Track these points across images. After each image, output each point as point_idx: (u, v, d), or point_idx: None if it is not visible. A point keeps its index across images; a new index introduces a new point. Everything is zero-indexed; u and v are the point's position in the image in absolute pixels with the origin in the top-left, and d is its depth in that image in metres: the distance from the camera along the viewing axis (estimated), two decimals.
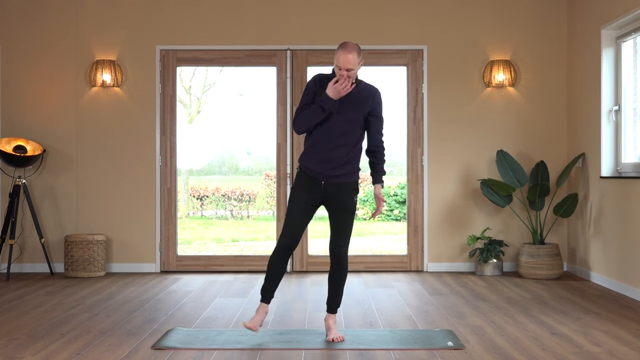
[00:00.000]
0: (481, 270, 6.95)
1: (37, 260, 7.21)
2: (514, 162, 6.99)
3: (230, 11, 7.24)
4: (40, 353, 4.05)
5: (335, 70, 4.26)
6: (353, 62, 4.18)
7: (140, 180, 7.23)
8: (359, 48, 4.26)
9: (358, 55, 4.22)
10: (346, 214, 4.35)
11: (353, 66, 4.19)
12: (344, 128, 4.28)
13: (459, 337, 4.41)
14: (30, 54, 7.22)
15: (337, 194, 4.33)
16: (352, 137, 4.31)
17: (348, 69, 4.19)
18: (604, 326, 4.71)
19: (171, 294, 5.97)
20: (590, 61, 6.64)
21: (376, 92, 4.37)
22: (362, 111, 4.32)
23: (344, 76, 4.21)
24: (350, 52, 4.19)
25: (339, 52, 4.20)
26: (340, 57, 4.19)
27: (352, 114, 4.29)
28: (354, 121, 4.30)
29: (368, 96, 4.33)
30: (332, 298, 4.44)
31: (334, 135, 4.28)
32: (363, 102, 4.31)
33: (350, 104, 4.29)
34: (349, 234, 4.38)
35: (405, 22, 7.24)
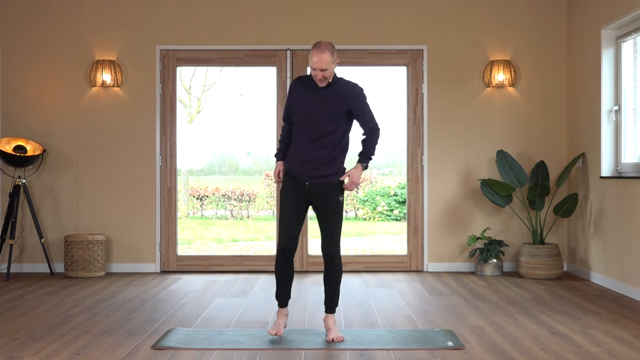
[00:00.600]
0: (481, 270, 6.95)
1: (37, 260, 7.21)
2: (514, 162, 6.99)
3: (230, 11, 7.24)
4: (40, 353, 4.05)
5: (310, 71, 4.26)
6: (327, 61, 4.15)
7: (140, 180, 7.23)
8: (332, 47, 4.22)
9: (332, 55, 4.18)
10: (332, 214, 4.35)
11: (327, 66, 4.16)
12: (324, 127, 4.28)
13: (459, 337, 4.41)
14: (30, 54, 7.22)
15: (322, 195, 4.34)
16: (333, 136, 4.30)
17: (322, 69, 4.18)
18: (604, 326, 4.71)
19: (171, 294, 5.97)
20: (590, 61, 6.64)
21: (355, 88, 4.34)
22: (342, 109, 4.29)
23: (319, 77, 4.21)
24: (324, 51, 4.16)
25: (313, 52, 4.17)
26: (314, 57, 4.16)
27: (332, 112, 4.28)
28: (334, 120, 4.29)
29: (347, 93, 4.31)
30: (330, 298, 4.45)
31: (315, 135, 4.28)
32: (342, 99, 4.30)
33: (330, 102, 4.28)
34: (338, 233, 4.38)
35: (405, 22, 7.24)
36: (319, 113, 4.27)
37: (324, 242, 4.37)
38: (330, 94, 4.29)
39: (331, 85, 4.30)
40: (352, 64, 7.27)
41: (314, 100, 4.28)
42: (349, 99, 4.31)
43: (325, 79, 4.24)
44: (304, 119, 4.29)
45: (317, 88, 4.30)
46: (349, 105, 4.31)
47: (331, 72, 4.24)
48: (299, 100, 4.33)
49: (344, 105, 4.30)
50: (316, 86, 4.30)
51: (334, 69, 4.25)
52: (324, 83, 4.27)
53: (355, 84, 4.37)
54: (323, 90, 4.29)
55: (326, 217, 4.35)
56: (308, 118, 4.28)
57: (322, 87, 4.29)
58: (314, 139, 4.29)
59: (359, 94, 4.35)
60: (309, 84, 4.33)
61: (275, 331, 4.39)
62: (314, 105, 4.27)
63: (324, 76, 4.21)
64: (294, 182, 4.36)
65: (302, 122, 4.30)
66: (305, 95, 4.32)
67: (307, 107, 4.29)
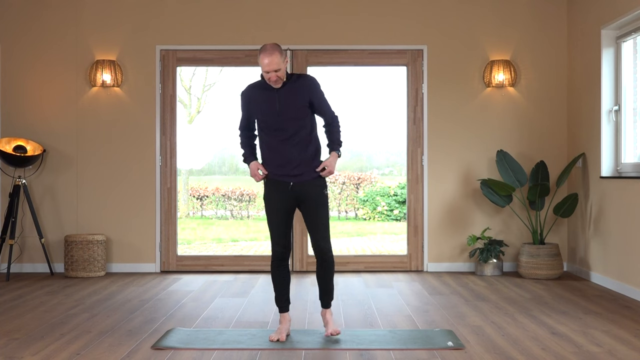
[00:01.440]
0: (481, 270, 6.95)
1: (37, 260, 7.21)
2: (514, 162, 6.99)
3: (230, 11, 7.24)
4: (40, 353, 4.05)
5: (263, 75, 4.27)
6: (278, 62, 4.19)
7: (140, 180, 7.23)
8: (279, 47, 4.26)
9: (280, 55, 4.22)
10: (319, 209, 4.37)
11: (279, 66, 4.21)
12: (293, 124, 4.30)
13: (459, 337, 4.41)
14: (30, 54, 7.22)
15: (307, 192, 4.36)
16: (303, 131, 4.33)
17: (276, 70, 4.21)
18: (604, 326, 4.71)
19: (171, 294, 5.97)
20: (590, 61, 6.64)
21: (310, 79, 4.39)
22: (304, 102, 4.33)
23: (273, 79, 4.23)
24: (272, 53, 4.20)
25: (261, 56, 4.21)
26: (264, 60, 4.19)
27: (295, 109, 4.31)
28: (300, 115, 4.32)
29: (304, 87, 4.34)
30: (325, 293, 4.47)
31: (286, 135, 4.30)
32: (302, 92, 4.33)
33: (292, 98, 4.30)
34: (326, 228, 4.40)
35: (405, 22, 7.24)
36: (284, 112, 4.30)
37: (314, 238, 4.39)
38: (289, 90, 4.32)
39: (286, 83, 4.32)
40: (352, 64, 7.27)
41: (275, 100, 4.30)
42: (307, 90, 4.35)
43: (280, 79, 4.27)
44: (271, 121, 4.31)
45: (273, 89, 4.32)
46: (309, 96, 4.35)
47: (284, 72, 4.28)
48: (259, 105, 4.34)
49: (305, 98, 4.34)
50: (271, 88, 4.32)
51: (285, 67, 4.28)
52: (279, 84, 4.29)
53: (308, 75, 4.42)
54: (281, 89, 4.32)
55: (313, 213, 4.37)
56: (274, 119, 4.30)
57: (280, 87, 4.31)
58: (286, 139, 4.31)
59: (315, 84, 4.40)
60: (263, 88, 4.35)
61: (277, 337, 4.35)
62: (277, 105, 4.30)
63: (278, 76, 4.24)
64: (276, 186, 4.37)
65: (270, 125, 4.32)
66: (263, 98, 4.33)
67: (270, 108, 4.31)
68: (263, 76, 4.31)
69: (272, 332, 4.48)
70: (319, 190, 4.38)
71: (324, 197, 4.39)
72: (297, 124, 4.31)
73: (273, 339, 4.35)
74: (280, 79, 4.27)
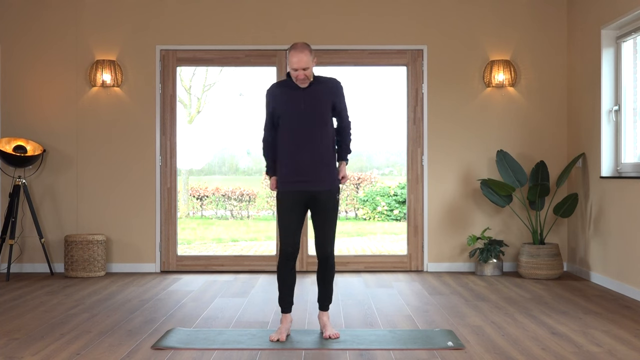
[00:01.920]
0: (481, 270, 6.95)
1: (37, 260, 7.21)
2: (514, 162, 6.99)
3: (230, 11, 7.24)
4: (40, 353, 4.05)
5: (291, 73, 4.27)
6: (307, 61, 4.19)
7: (140, 180, 7.23)
8: (309, 46, 4.26)
9: (310, 54, 4.23)
10: (329, 212, 4.37)
11: (307, 65, 4.21)
12: (315, 127, 4.30)
13: (459, 337, 4.41)
14: (30, 54, 7.22)
15: (322, 197, 4.35)
16: (325, 132, 4.33)
17: (304, 69, 4.21)
18: (604, 326, 4.71)
19: (171, 294, 5.97)
20: (590, 61, 6.64)
21: (336, 83, 4.39)
22: (328, 105, 4.33)
23: (301, 77, 4.23)
24: (302, 51, 4.20)
25: (291, 53, 4.21)
26: (293, 58, 4.20)
27: (320, 111, 4.30)
28: (323, 118, 4.32)
29: (330, 89, 4.35)
30: (324, 295, 4.48)
31: (308, 135, 4.29)
32: (327, 95, 4.33)
33: (318, 100, 4.30)
34: (333, 232, 4.41)
35: (405, 22, 7.24)
36: (309, 111, 4.29)
37: (320, 240, 4.39)
38: (315, 91, 4.31)
39: (312, 84, 4.32)
40: (352, 64, 7.27)
41: (300, 99, 4.29)
42: (332, 92, 4.36)
43: (307, 79, 4.26)
44: (294, 120, 4.29)
45: (299, 89, 4.31)
46: (333, 98, 4.36)
47: (311, 71, 4.27)
48: (285, 103, 4.31)
49: (329, 100, 4.34)
50: (297, 87, 4.31)
51: (313, 67, 4.28)
52: (305, 83, 4.28)
53: (335, 79, 4.41)
54: (307, 89, 4.31)
55: (324, 218, 4.37)
56: (298, 118, 4.29)
57: (305, 87, 4.30)
58: (307, 139, 4.29)
59: (340, 87, 4.41)
60: (289, 87, 4.34)
61: (277, 337, 4.34)
62: (301, 104, 4.28)
63: (305, 75, 4.24)
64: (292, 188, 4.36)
65: (292, 124, 4.30)
66: (288, 97, 4.31)
67: (295, 107, 4.29)
68: (289, 74, 4.30)
69: (272, 332, 4.48)
70: (332, 195, 4.37)
71: (335, 203, 4.39)
72: (320, 125, 4.30)
73: (273, 339, 4.34)
74: (307, 78, 4.26)
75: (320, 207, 4.36)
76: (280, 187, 4.39)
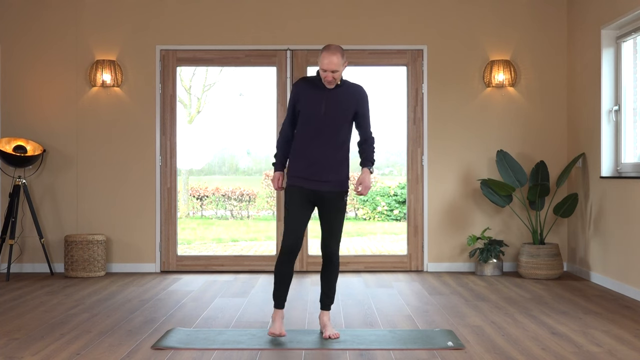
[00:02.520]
0: (481, 270, 6.95)
1: (37, 260, 7.21)
2: (514, 162, 6.99)
3: (230, 11, 7.24)
4: (40, 353, 4.05)
5: (320, 72, 4.28)
6: (337, 63, 4.20)
7: (140, 180, 7.23)
8: (342, 50, 4.27)
9: (342, 57, 4.24)
10: (336, 213, 4.38)
11: (337, 67, 4.22)
12: (333, 127, 4.30)
13: (459, 337, 4.41)
14: (30, 54, 7.22)
15: (331, 198, 4.36)
16: (340, 138, 4.33)
17: (333, 71, 4.21)
18: (604, 326, 4.71)
19: (171, 294, 5.97)
20: (590, 61, 6.64)
21: (361, 90, 4.39)
22: (349, 111, 4.33)
23: (329, 79, 4.23)
24: (335, 53, 4.21)
25: (323, 54, 4.22)
26: (324, 59, 4.21)
27: (339, 115, 4.30)
28: (341, 122, 4.32)
29: (354, 95, 4.35)
30: (326, 295, 4.48)
31: (324, 136, 4.30)
32: (349, 101, 4.33)
33: (340, 103, 4.30)
34: (339, 233, 4.41)
35: (405, 22, 7.24)
36: (329, 113, 4.28)
37: (326, 241, 4.39)
38: (339, 94, 4.31)
39: (339, 87, 4.32)
40: (352, 64, 7.27)
41: (324, 100, 4.29)
42: (356, 100, 4.35)
43: (334, 81, 4.27)
44: (313, 119, 4.29)
45: (324, 89, 4.31)
46: (356, 106, 4.35)
47: (340, 74, 4.28)
48: (307, 100, 4.31)
49: (352, 107, 4.33)
50: (323, 87, 4.32)
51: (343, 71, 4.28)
52: (332, 85, 4.30)
53: (361, 86, 4.41)
54: (332, 91, 4.31)
55: (332, 218, 4.37)
56: (317, 118, 4.28)
57: (331, 89, 4.31)
58: (321, 140, 4.30)
59: (366, 96, 4.40)
60: (315, 85, 4.34)
61: (278, 332, 4.34)
62: (324, 105, 4.28)
63: (334, 77, 4.24)
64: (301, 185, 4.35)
65: (310, 123, 4.30)
66: (313, 95, 4.31)
67: (317, 106, 4.29)
68: (319, 73, 4.30)
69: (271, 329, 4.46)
70: (340, 197, 4.37)
71: (343, 204, 4.39)
72: (337, 129, 4.30)
73: (275, 332, 4.32)
74: (335, 81, 4.27)
75: (327, 207, 4.36)
76: (290, 182, 4.38)
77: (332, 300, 4.49)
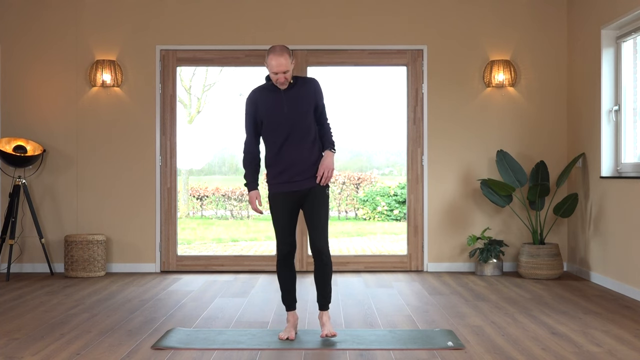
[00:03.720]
0: (481, 270, 6.95)
1: (37, 260, 7.21)
2: (514, 162, 6.99)
3: (230, 11, 7.24)
4: (40, 353, 4.05)
5: (270, 76, 4.28)
6: (286, 64, 4.22)
7: (140, 180, 7.23)
8: (288, 49, 4.28)
9: (289, 56, 4.26)
10: (319, 207, 4.37)
11: (287, 68, 4.23)
12: (298, 127, 4.31)
13: (459, 337, 4.41)
14: (30, 54, 7.22)
15: (311, 195, 4.37)
16: (308, 133, 4.34)
17: (284, 72, 4.23)
18: (604, 326, 4.71)
19: (171, 294, 5.98)
20: (590, 61, 6.64)
21: (315, 82, 4.41)
22: (310, 105, 4.35)
23: (281, 80, 4.24)
24: (282, 54, 4.22)
25: (270, 56, 4.22)
26: (272, 61, 4.21)
27: (302, 112, 4.32)
28: (306, 117, 4.33)
29: (309, 89, 4.37)
30: (322, 296, 4.45)
31: (295, 137, 4.31)
32: (307, 96, 4.35)
33: (299, 101, 4.32)
34: (325, 227, 4.39)
35: (405, 22, 7.24)
36: (291, 113, 4.30)
37: (312, 236, 4.39)
38: (296, 93, 4.33)
39: (293, 86, 4.34)
40: (352, 64, 7.27)
41: (283, 102, 4.30)
42: (313, 93, 4.38)
43: (287, 81, 4.29)
44: (277, 122, 4.30)
45: (279, 91, 4.33)
46: (315, 99, 4.38)
47: (291, 74, 4.30)
48: (267, 108, 4.32)
49: (311, 101, 4.36)
50: (277, 89, 4.33)
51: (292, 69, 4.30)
52: (285, 85, 4.31)
53: (313, 79, 4.44)
54: (287, 91, 4.33)
55: (315, 212, 4.37)
56: (281, 120, 4.30)
57: (286, 89, 4.32)
58: (291, 141, 4.31)
59: (320, 87, 4.43)
60: (269, 90, 4.35)
61: (286, 335, 4.36)
62: (285, 107, 4.30)
63: (285, 78, 4.26)
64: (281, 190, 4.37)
65: (276, 127, 4.30)
66: (270, 100, 4.32)
67: (277, 109, 4.30)
68: (269, 78, 4.33)
69: (275, 332, 4.49)
70: (320, 189, 4.38)
71: (325, 197, 4.39)
72: (303, 126, 4.32)
73: (282, 337, 4.35)
74: (287, 81, 4.29)
75: (310, 202, 4.37)
76: (272, 190, 4.40)
77: (328, 299, 4.46)
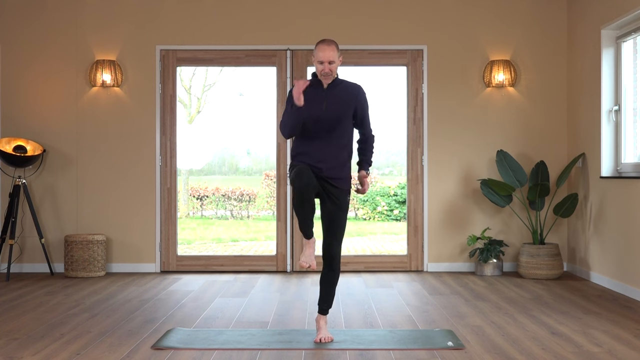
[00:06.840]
0: (481, 270, 6.95)
1: (37, 260, 7.21)
2: (514, 162, 6.99)
3: (230, 11, 7.24)
4: (40, 353, 4.05)
5: (315, 65, 4.26)
6: (333, 55, 4.20)
7: (140, 180, 7.23)
8: (336, 43, 4.28)
9: (337, 49, 4.24)
10: (339, 212, 4.32)
11: (334, 58, 4.21)
12: (334, 126, 4.28)
13: (459, 337, 4.41)
14: (30, 54, 7.22)
15: (334, 194, 4.31)
16: (343, 135, 4.31)
17: (330, 62, 4.20)
18: (604, 326, 4.71)
19: (171, 294, 5.97)
20: (590, 61, 6.64)
21: (360, 88, 4.38)
22: (349, 109, 4.31)
23: (326, 71, 4.22)
24: (330, 45, 4.22)
25: (319, 46, 4.22)
26: (319, 52, 4.21)
27: (340, 113, 4.29)
28: (343, 118, 4.30)
29: (352, 93, 4.33)
30: (325, 299, 4.41)
31: (327, 136, 4.27)
32: (349, 99, 4.31)
33: (339, 101, 4.29)
34: (342, 234, 4.36)
35: (405, 22, 7.24)
36: (330, 112, 4.26)
37: (327, 240, 4.33)
38: (337, 93, 4.30)
39: (336, 85, 4.31)
40: (352, 64, 7.27)
41: (323, 99, 4.27)
42: (355, 98, 4.33)
43: (331, 73, 4.24)
44: (314, 118, 4.25)
45: (322, 88, 4.30)
46: (355, 104, 4.33)
47: (336, 67, 4.27)
48: (307, 100, 4.26)
49: (351, 105, 4.31)
50: (321, 87, 4.31)
51: (338, 66, 4.28)
52: (329, 79, 4.27)
53: (359, 85, 4.40)
54: (329, 90, 4.29)
55: (336, 218, 4.31)
56: (318, 117, 4.25)
57: (328, 88, 4.29)
58: (325, 139, 4.27)
59: (364, 94, 4.39)
60: (312, 86, 4.32)
61: (308, 264, 4.21)
62: (323, 104, 4.26)
63: (330, 69, 4.22)
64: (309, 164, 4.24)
65: (312, 122, 4.26)
66: (311, 95, 4.28)
67: (317, 106, 4.26)
68: (315, 75, 4.30)
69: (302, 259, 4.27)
70: (344, 194, 4.34)
71: (346, 203, 4.36)
72: (339, 127, 4.28)
73: (304, 265, 4.21)
74: (332, 73, 4.24)
75: (330, 204, 4.30)
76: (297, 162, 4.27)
77: (329, 305, 4.43)
